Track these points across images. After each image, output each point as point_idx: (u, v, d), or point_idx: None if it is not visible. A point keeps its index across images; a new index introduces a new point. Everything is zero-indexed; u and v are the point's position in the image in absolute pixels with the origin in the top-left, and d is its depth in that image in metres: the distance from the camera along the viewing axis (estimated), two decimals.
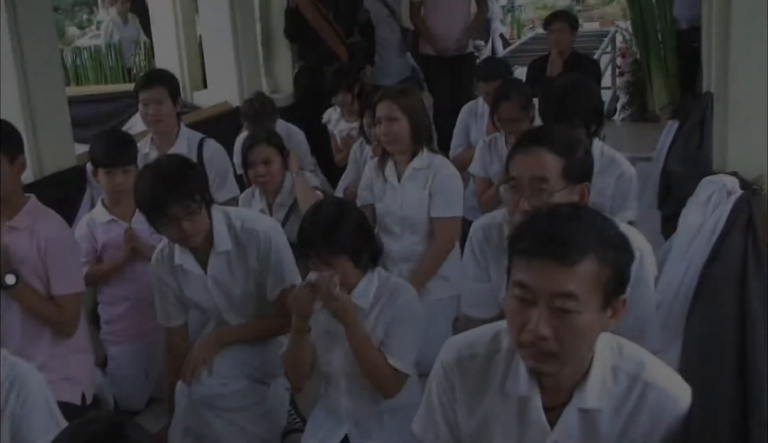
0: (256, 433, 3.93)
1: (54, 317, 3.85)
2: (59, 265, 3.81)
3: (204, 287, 3.81)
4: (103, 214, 4.45)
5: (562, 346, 1.92)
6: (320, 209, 3.33)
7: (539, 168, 2.82)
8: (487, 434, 2.19)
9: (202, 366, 3.75)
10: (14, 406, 2.82)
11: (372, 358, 3.30)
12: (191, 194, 3.52)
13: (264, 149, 4.81)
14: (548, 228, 1.94)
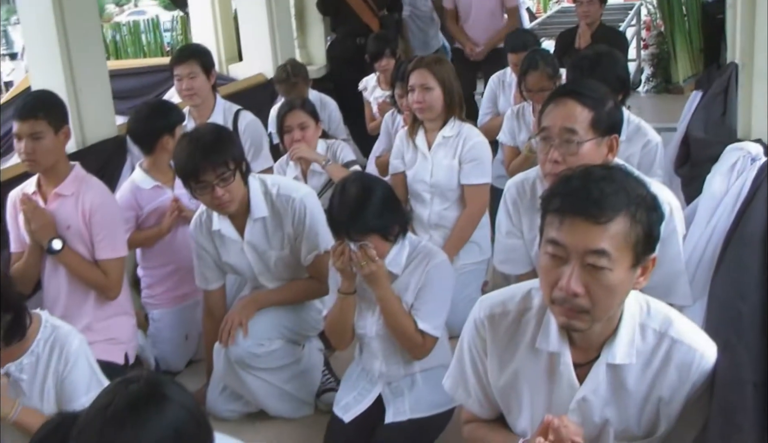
0: (291, 392, 3.95)
1: (98, 282, 3.88)
2: (103, 231, 3.84)
3: (241, 253, 3.83)
4: (146, 180, 4.45)
5: (593, 303, 1.91)
6: (346, 190, 3.31)
7: (568, 120, 2.80)
8: (516, 389, 2.19)
9: (238, 327, 3.77)
10: (57, 365, 2.88)
11: (402, 322, 3.31)
12: (225, 162, 3.52)
13: (299, 114, 4.80)
14: (581, 187, 1.93)
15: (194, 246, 3.91)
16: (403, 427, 3.42)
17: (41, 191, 3.87)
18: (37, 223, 3.77)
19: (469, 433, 2.40)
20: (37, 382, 2.91)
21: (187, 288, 4.41)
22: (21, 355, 2.89)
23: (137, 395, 1.85)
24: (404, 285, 3.36)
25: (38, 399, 2.91)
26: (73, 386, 2.90)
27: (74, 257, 3.84)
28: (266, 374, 3.85)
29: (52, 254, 3.81)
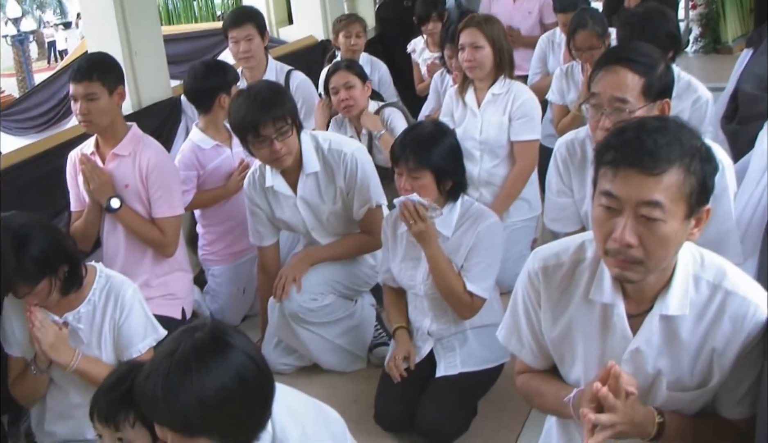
0: (343, 346, 3.98)
1: (155, 239, 3.91)
2: (160, 189, 3.86)
3: (294, 208, 3.84)
4: (205, 140, 4.46)
5: (647, 254, 1.89)
6: (419, 126, 3.34)
7: (619, 88, 2.76)
8: (570, 341, 2.18)
9: (292, 283, 3.80)
10: (113, 313, 2.93)
11: (450, 282, 3.31)
12: (283, 116, 3.54)
13: (345, 74, 4.78)
14: (635, 139, 1.89)
15: (248, 203, 3.93)
16: (454, 381, 3.43)
17: (99, 152, 3.90)
18: (96, 182, 3.79)
19: (522, 384, 2.39)
20: (94, 330, 2.95)
21: (245, 244, 4.42)
22: (78, 305, 2.94)
23: (202, 342, 1.88)
24: (455, 247, 3.36)
25: (96, 346, 2.95)
26: (129, 333, 2.94)
27: (132, 216, 3.86)
28: (319, 328, 3.88)
29: (111, 212, 3.84)
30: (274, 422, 2.04)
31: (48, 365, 2.94)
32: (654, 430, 2.02)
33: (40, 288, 2.78)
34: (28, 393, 3.09)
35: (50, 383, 3.06)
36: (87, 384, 2.91)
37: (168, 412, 1.84)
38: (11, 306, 3.01)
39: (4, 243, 2.71)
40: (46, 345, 2.83)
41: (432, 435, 3.41)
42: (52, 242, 2.81)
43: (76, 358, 2.88)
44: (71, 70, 3.78)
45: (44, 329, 2.83)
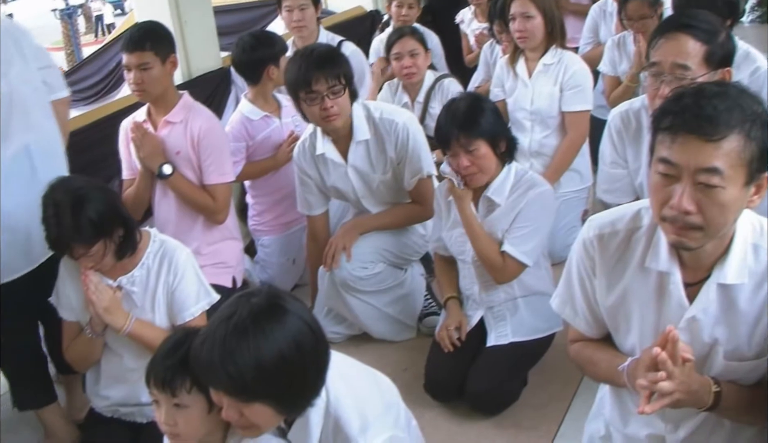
0: (393, 315, 4.00)
1: (207, 205, 3.93)
2: (211, 156, 3.88)
3: (344, 176, 3.85)
4: (254, 111, 4.48)
5: (706, 220, 1.86)
6: (456, 101, 3.33)
7: (681, 55, 2.72)
8: (625, 309, 2.16)
9: (342, 252, 3.82)
10: (167, 277, 2.95)
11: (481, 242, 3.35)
12: (336, 74, 3.57)
13: (409, 41, 4.76)
14: (694, 105, 1.87)
15: (297, 173, 3.95)
16: (504, 350, 3.44)
17: (151, 120, 3.93)
18: (147, 149, 3.83)
19: (575, 352, 2.38)
20: (148, 294, 2.98)
21: (295, 215, 4.46)
22: (132, 269, 2.97)
23: (259, 307, 1.90)
24: (505, 212, 3.35)
25: (150, 310, 2.98)
26: (182, 297, 2.97)
27: (183, 182, 3.89)
28: (369, 297, 3.90)
29: (162, 178, 3.87)
30: (328, 388, 2.06)
31: (102, 328, 2.97)
32: (710, 400, 2.00)
33: (96, 250, 2.81)
34: (83, 357, 3.12)
35: (104, 347, 3.09)
36: (140, 348, 2.95)
37: (224, 376, 1.87)
38: (67, 271, 3.06)
39: (62, 204, 2.75)
40: (101, 309, 2.86)
41: (482, 404, 3.43)
42: (108, 204, 2.84)
43: (129, 321, 2.91)
44: (124, 40, 3.81)
45: (99, 292, 2.86)
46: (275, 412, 1.96)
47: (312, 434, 2.05)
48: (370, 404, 2.13)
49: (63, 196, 2.77)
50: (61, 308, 3.10)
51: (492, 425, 3.42)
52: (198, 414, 2.21)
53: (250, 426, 1.98)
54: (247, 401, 1.92)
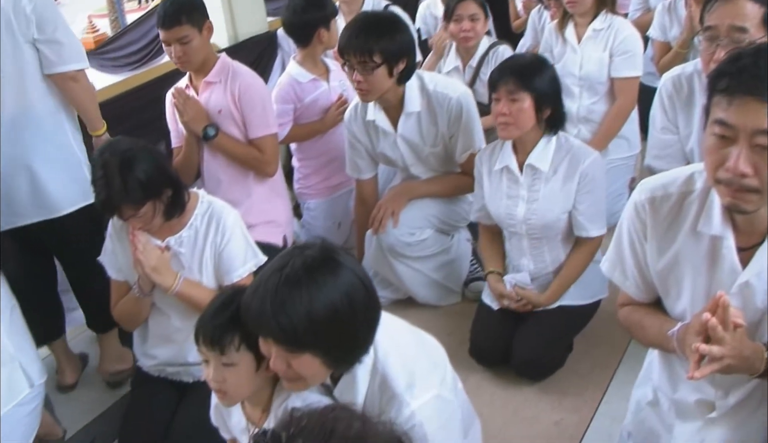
0: (439, 281, 4.01)
1: (255, 159, 3.92)
2: (254, 109, 3.86)
3: (393, 145, 3.85)
4: (302, 73, 4.47)
5: (762, 183, 1.83)
6: (519, 55, 3.31)
7: (739, 18, 2.67)
8: (676, 273, 2.14)
9: (390, 216, 3.82)
10: (214, 238, 2.96)
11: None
12: (370, 50, 3.54)
13: (471, 5, 4.68)
14: (752, 65, 1.83)
15: (347, 137, 3.95)
16: (550, 316, 3.44)
17: (193, 85, 3.94)
18: (190, 113, 3.83)
19: (624, 317, 2.37)
20: (196, 255, 2.99)
21: (341, 178, 4.48)
22: (180, 230, 2.98)
23: (313, 259, 1.91)
24: (557, 184, 3.34)
25: (197, 271, 3.00)
26: (230, 257, 2.98)
27: (229, 141, 3.89)
28: (416, 262, 3.91)
29: (208, 140, 3.87)
30: (376, 346, 2.07)
31: (150, 288, 2.99)
32: (762, 366, 1.98)
33: (144, 211, 2.82)
34: (131, 316, 3.16)
35: (152, 307, 3.12)
36: (188, 308, 2.97)
37: (275, 326, 1.87)
38: (115, 231, 3.09)
39: (111, 166, 2.76)
40: (149, 268, 2.87)
41: (527, 369, 3.43)
42: (156, 165, 2.85)
43: (177, 281, 2.92)
44: (158, 18, 3.78)
45: (147, 252, 2.87)
46: (323, 365, 1.96)
47: (358, 391, 2.06)
48: (417, 363, 2.13)
49: (111, 158, 2.78)
50: (110, 268, 3.14)
51: (536, 390, 3.43)
52: (246, 371, 2.23)
53: (297, 378, 1.99)
54: (296, 352, 1.92)
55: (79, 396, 3.78)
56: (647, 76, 4.80)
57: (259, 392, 2.28)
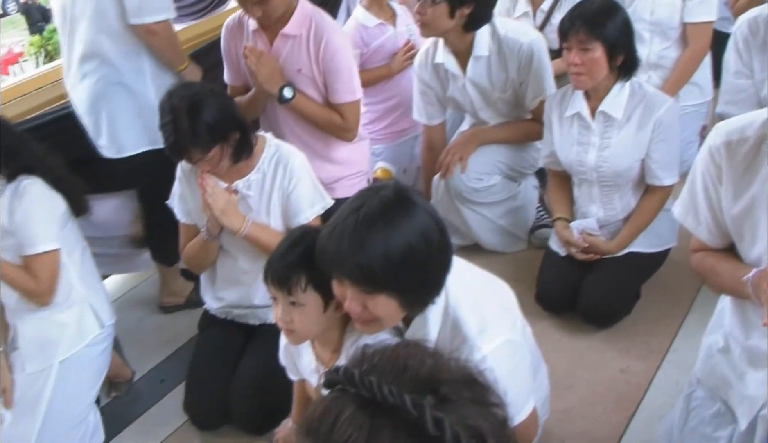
0: (505, 227, 4.00)
1: (336, 124, 3.65)
2: (341, 75, 3.58)
3: (462, 89, 3.81)
4: (369, 18, 4.41)
5: None
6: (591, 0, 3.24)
7: None
8: (752, 218, 2.09)
9: (458, 162, 3.80)
10: (282, 181, 2.96)
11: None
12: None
13: None
14: None
15: (417, 83, 3.93)
16: (619, 262, 3.41)
17: (265, 31, 3.57)
18: (264, 72, 3.50)
19: (697, 262, 2.32)
20: (263, 198, 3.00)
21: (406, 123, 4.44)
22: (248, 173, 2.99)
23: (389, 200, 1.91)
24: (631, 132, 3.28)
25: (265, 214, 3.01)
26: (297, 201, 2.98)
27: (308, 103, 3.60)
28: (483, 208, 3.89)
29: (284, 102, 3.57)
30: (447, 289, 2.07)
31: (218, 231, 3.01)
32: None
33: (212, 154, 2.84)
34: (199, 259, 3.18)
35: (220, 250, 3.14)
36: (255, 250, 2.99)
37: (353, 265, 1.88)
38: (184, 175, 3.11)
39: (179, 110, 2.78)
40: (218, 211, 2.88)
41: (594, 316, 3.41)
42: (223, 109, 2.86)
43: (246, 224, 2.93)
44: None
45: (215, 195, 2.88)
46: (398, 306, 1.97)
47: (430, 333, 2.07)
48: (488, 307, 2.13)
49: (179, 102, 2.80)
50: (179, 212, 3.17)
51: (603, 337, 3.42)
52: (313, 312, 2.24)
53: (372, 320, 2.00)
54: (372, 292, 1.93)
55: (148, 339, 3.86)
56: (721, 21, 4.66)
57: (329, 332, 2.30)
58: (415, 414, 0.99)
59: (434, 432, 0.99)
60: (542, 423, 2.62)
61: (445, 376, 1.07)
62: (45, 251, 2.88)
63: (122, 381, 3.54)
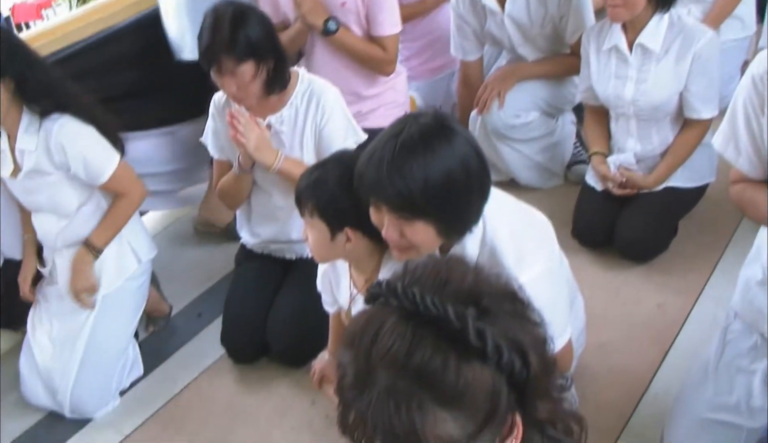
0: (542, 163, 3.97)
1: (377, 57, 3.64)
2: (383, 7, 3.57)
3: (501, 25, 3.76)
4: None
5: None
6: None
7: None
8: None
9: (495, 97, 3.77)
10: (315, 116, 2.95)
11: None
12: None
13: None
14: None
15: (454, 18, 3.88)
16: (657, 197, 3.39)
17: None
18: (308, 4, 3.50)
19: (736, 194, 2.30)
20: (296, 133, 2.99)
21: (442, 60, 4.37)
22: (281, 108, 2.98)
23: (428, 126, 1.91)
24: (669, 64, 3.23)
25: (298, 149, 3.00)
26: (330, 135, 2.97)
27: (350, 37, 3.60)
28: (520, 144, 3.87)
29: (328, 35, 3.56)
30: (485, 219, 2.07)
31: (251, 165, 3.00)
32: None
33: (243, 70, 2.80)
34: (232, 194, 3.18)
35: (254, 186, 3.15)
36: (289, 186, 2.94)
37: (391, 191, 1.89)
38: (217, 110, 3.11)
39: (222, 17, 2.76)
40: (251, 147, 2.87)
41: (630, 251, 3.41)
42: (267, 31, 2.86)
43: (279, 159, 2.91)
44: None
45: (248, 131, 2.85)
46: (436, 233, 1.97)
47: None
48: (526, 237, 2.13)
49: (225, 9, 2.79)
50: (212, 148, 3.18)
51: (639, 272, 3.41)
52: (319, 238, 2.31)
53: (409, 247, 2.00)
54: (410, 219, 1.94)
55: (185, 274, 3.89)
56: None
57: (366, 260, 2.33)
58: (458, 324, 1.00)
59: (476, 343, 1.00)
60: (578, 356, 2.64)
61: (487, 289, 1.08)
62: (114, 170, 2.94)
63: (160, 316, 3.59)
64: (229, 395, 3.18)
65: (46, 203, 3.00)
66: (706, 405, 2.38)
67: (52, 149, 2.85)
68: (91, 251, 3.04)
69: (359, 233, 2.26)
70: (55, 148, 2.84)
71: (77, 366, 3.07)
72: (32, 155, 2.88)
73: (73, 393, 3.08)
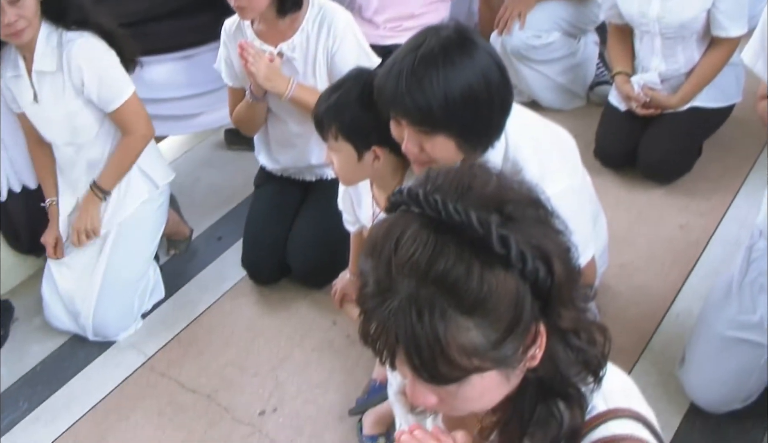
0: (564, 85, 3.92)
1: None
2: None
3: None
4: None
5: None
6: None
7: None
8: None
9: (516, 18, 3.71)
10: (326, 42, 2.89)
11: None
12: None
13: None
14: None
15: None
16: (681, 117, 3.37)
17: None
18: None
19: (764, 110, 2.26)
20: (308, 59, 2.94)
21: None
22: (292, 35, 2.92)
23: (449, 39, 1.87)
24: None
25: (311, 75, 2.95)
26: (342, 61, 2.90)
27: None
28: (541, 65, 3.82)
29: None
30: (507, 134, 2.04)
31: (263, 93, 2.97)
32: None
33: None
34: (247, 121, 3.15)
35: (270, 113, 3.12)
36: (304, 113, 2.92)
37: (411, 104, 1.85)
38: (228, 38, 3.05)
39: None
40: (261, 78, 2.84)
41: (654, 172, 3.37)
42: None
43: (291, 87, 2.87)
44: None
45: (257, 62, 2.82)
46: (456, 148, 1.93)
47: None
48: (549, 153, 2.10)
49: None
50: (225, 75, 3.13)
51: (663, 193, 3.39)
52: (346, 160, 2.26)
53: (430, 162, 1.97)
54: (430, 132, 1.90)
55: (205, 198, 3.88)
56: None
57: (388, 178, 2.30)
58: (481, 231, 0.98)
59: (500, 250, 0.98)
60: (600, 275, 2.62)
61: (510, 196, 1.06)
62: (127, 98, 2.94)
63: (181, 239, 3.59)
64: (250, 316, 3.19)
65: (65, 130, 3.00)
66: (728, 323, 2.37)
67: (72, 69, 2.83)
68: (97, 193, 3.05)
69: (386, 150, 2.22)
70: (75, 68, 2.83)
71: (98, 289, 3.10)
72: (51, 78, 2.87)
73: (95, 316, 3.10)
